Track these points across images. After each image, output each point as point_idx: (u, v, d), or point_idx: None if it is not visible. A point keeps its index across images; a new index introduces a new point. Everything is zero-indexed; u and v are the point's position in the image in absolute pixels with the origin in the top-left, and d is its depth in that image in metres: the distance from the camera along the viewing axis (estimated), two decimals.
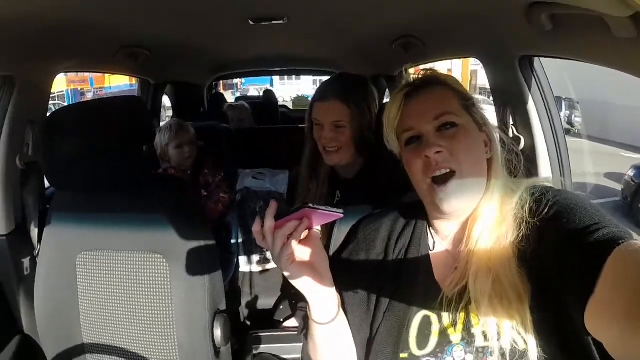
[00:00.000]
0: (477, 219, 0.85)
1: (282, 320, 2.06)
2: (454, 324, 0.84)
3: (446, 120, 0.87)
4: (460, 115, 0.88)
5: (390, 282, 0.92)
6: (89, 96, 16.23)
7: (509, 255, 0.79)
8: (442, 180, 0.85)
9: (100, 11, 1.33)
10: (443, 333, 0.84)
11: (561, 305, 0.70)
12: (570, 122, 9.57)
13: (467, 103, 0.91)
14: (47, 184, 1.51)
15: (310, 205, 0.74)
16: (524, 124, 1.41)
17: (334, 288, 0.88)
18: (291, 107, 7.92)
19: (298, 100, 8.96)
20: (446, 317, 0.84)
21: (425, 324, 0.86)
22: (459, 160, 0.84)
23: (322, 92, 1.55)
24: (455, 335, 0.83)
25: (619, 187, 6.92)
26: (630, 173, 6.54)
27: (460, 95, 0.91)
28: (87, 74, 15.19)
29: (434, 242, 0.94)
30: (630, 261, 0.59)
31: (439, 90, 0.91)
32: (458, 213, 0.88)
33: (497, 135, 0.93)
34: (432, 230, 0.95)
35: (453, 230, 0.91)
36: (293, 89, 19.15)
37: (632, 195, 6.38)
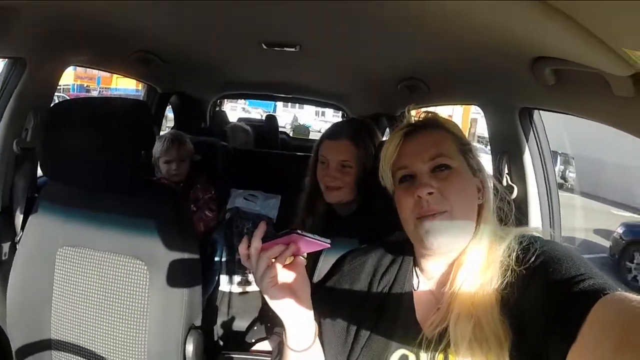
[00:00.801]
0: (463, 263, 0.85)
1: (253, 341, 2.02)
2: None
3: (441, 162, 0.88)
4: (456, 158, 0.90)
5: (371, 317, 0.92)
6: (94, 94, 16.31)
7: (492, 301, 0.79)
8: (431, 215, 0.85)
9: (121, 11, 1.36)
10: None
11: (542, 355, 0.69)
12: (564, 177, 9.74)
13: (464, 148, 0.92)
14: (39, 172, 1.50)
15: (299, 231, 0.76)
16: (519, 173, 1.44)
17: (313, 316, 0.87)
18: (291, 135, 7.98)
19: (298, 128, 9.07)
20: (424, 357, 0.83)
21: None
22: (451, 202, 0.85)
23: (334, 131, 1.59)
24: None
25: (607, 243, 6.99)
26: (620, 230, 6.64)
27: (457, 140, 0.93)
28: (95, 73, 15.33)
29: (419, 282, 0.94)
30: (616, 307, 0.60)
31: (437, 133, 0.93)
32: (443, 251, 0.88)
33: (490, 182, 0.94)
34: (417, 269, 0.95)
35: (439, 271, 0.91)
36: (294, 116, 19.38)
37: (619, 253, 6.47)
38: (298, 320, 0.85)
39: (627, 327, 0.55)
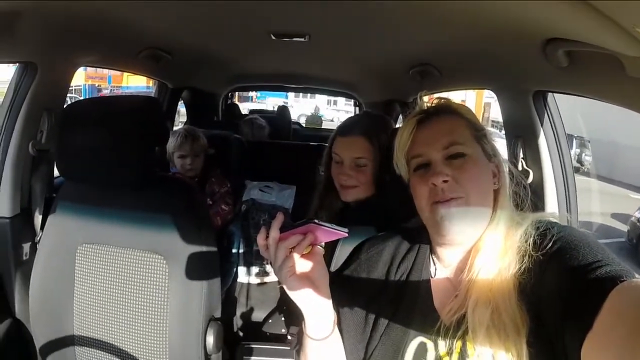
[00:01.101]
0: (480, 249, 0.85)
1: (269, 334, 2.04)
2: (449, 352, 0.82)
3: (455, 151, 0.87)
4: (470, 145, 0.89)
5: (389, 306, 0.92)
6: (106, 93, 16.45)
7: (510, 288, 0.78)
8: (447, 201, 0.85)
9: (127, 10, 1.37)
10: None
11: (558, 341, 0.69)
12: (580, 161, 9.54)
13: (479, 133, 0.91)
14: (56, 173, 1.53)
15: (316, 221, 0.76)
16: (534, 158, 1.42)
17: (331, 305, 0.88)
18: (303, 125, 7.97)
19: (310, 118, 9.03)
20: (442, 344, 0.83)
21: (421, 350, 0.85)
22: (466, 189, 0.85)
23: (347, 127, 1.53)
24: None
25: (625, 228, 6.87)
26: (637, 214, 6.51)
27: (472, 125, 0.91)
28: (105, 72, 15.37)
29: (436, 269, 0.93)
30: (633, 295, 0.59)
31: (450, 119, 0.92)
32: (458, 239, 0.87)
33: (506, 167, 0.93)
34: (434, 257, 0.95)
35: (456, 258, 0.91)
36: (307, 107, 19.33)
37: (637, 237, 6.35)
38: (317, 309, 0.86)
39: None
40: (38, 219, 1.55)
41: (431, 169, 0.88)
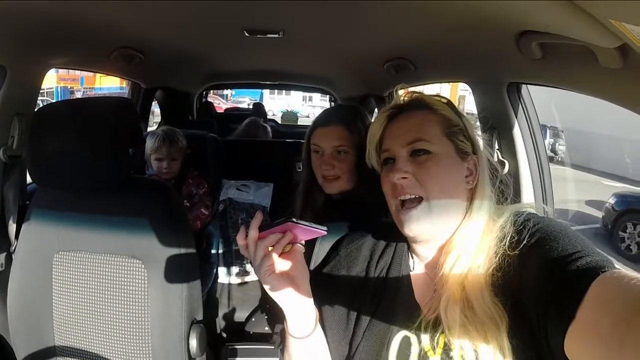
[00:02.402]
0: (453, 247, 0.85)
1: (253, 332, 2.03)
2: (433, 347, 0.83)
3: (418, 147, 0.87)
4: (438, 142, 0.87)
5: (371, 301, 0.92)
6: (78, 95, 16.01)
7: (482, 285, 0.78)
8: (409, 203, 0.86)
9: (98, 10, 1.33)
10: (423, 356, 0.83)
11: (540, 333, 0.69)
12: (554, 150, 9.79)
13: (452, 130, 0.89)
14: (29, 179, 1.48)
15: (294, 219, 0.76)
16: (509, 149, 1.44)
17: (312, 302, 0.88)
18: (279, 122, 7.94)
19: (286, 115, 8.98)
20: (425, 339, 0.84)
21: (405, 344, 0.85)
22: (426, 187, 0.85)
23: (324, 118, 1.54)
24: (435, 358, 0.82)
25: (599, 214, 7.03)
26: (611, 201, 6.66)
27: (444, 121, 0.90)
28: (78, 73, 15.00)
29: (414, 263, 0.93)
30: (614, 285, 0.60)
31: (421, 115, 0.90)
32: (422, 238, 0.88)
33: (486, 165, 0.91)
34: (411, 251, 0.95)
35: (430, 254, 0.91)
36: (282, 103, 19.26)
37: (612, 223, 6.50)
38: (298, 307, 0.86)
39: (625, 304, 0.56)
40: (12, 227, 1.50)
41: (394, 164, 0.88)
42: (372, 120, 1.01)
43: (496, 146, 1.47)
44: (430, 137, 0.87)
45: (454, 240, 0.86)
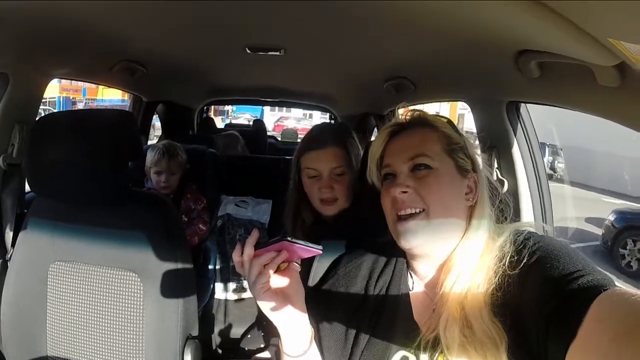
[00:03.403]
0: (452, 266, 0.84)
1: (247, 349, 2.00)
2: None
3: (420, 162, 0.87)
4: (439, 159, 0.88)
5: (369, 320, 0.91)
6: (80, 106, 16.03)
7: (481, 305, 0.78)
8: (407, 216, 0.86)
9: (103, 23, 1.35)
10: None
11: (540, 351, 0.68)
12: (553, 168, 9.82)
13: (452, 147, 0.90)
14: (27, 188, 1.49)
15: (289, 238, 0.77)
16: (508, 167, 1.44)
17: (307, 321, 0.87)
18: (279, 139, 7.96)
19: (286, 132, 9.00)
20: (424, 358, 0.83)
21: None
22: (427, 201, 0.85)
23: (316, 141, 1.48)
24: None
25: (599, 231, 7.00)
26: (611, 218, 6.64)
27: (445, 139, 0.91)
28: (80, 84, 15.10)
29: (413, 283, 0.93)
30: (615, 302, 0.60)
31: (422, 132, 0.92)
32: (420, 252, 0.87)
33: (485, 183, 0.92)
34: (411, 270, 0.94)
35: (429, 272, 0.91)
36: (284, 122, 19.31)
37: (612, 240, 6.47)
38: (292, 325, 0.85)
39: (626, 318, 0.56)
40: (9, 235, 1.49)
41: (395, 179, 0.89)
42: (372, 138, 1.01)
43: (495, 165, 1.47)
44: (431, 153, 0.88)
45: (453, 258, 0.85)
